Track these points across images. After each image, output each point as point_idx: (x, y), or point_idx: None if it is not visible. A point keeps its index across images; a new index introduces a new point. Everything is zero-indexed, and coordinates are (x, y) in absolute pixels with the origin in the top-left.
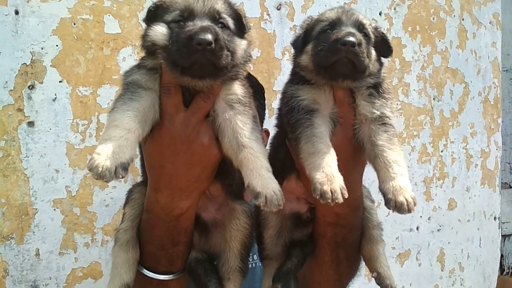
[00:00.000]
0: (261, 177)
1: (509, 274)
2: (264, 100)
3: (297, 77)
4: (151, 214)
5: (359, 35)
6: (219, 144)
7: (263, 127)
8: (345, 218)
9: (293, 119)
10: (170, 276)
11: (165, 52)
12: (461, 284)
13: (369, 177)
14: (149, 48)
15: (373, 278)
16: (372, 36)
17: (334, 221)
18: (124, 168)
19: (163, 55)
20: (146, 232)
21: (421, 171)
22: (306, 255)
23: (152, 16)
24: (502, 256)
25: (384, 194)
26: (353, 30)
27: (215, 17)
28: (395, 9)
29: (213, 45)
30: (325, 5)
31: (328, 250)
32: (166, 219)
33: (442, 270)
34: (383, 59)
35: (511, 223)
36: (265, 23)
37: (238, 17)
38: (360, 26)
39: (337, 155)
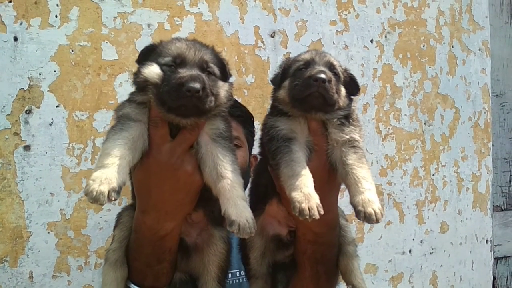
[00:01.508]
0: (236, 206)
1: None
2: (253, 127)
3: (276, 110)
4: (139, 234)
5: (330, 73)
6: (201, 172)
7: (252, 153)
8: (323, 236)
9: (273, 147)
10: None
11: (155, 90)
12: None
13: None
14: (141, 84)
15: None
16: (341, 75)
17: (313, 239)
18: (116, 191)
19: (153, 91)
20: (134, 250)
21: (413, 194)
22: (289, 278)
23: (145, 58)
24: (494, 278)
25: (354, 207)
26: (324, 69)
27: (203, 66)
28: (386, 36)
29: (200, 92)
30: (318, 33)
31: (308, 266)
32: (152, 239)
33: None
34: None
35: (503, 246)
36: (260, 50)
37: (222, 66)
38: (331, 66)
39: (313, 179)
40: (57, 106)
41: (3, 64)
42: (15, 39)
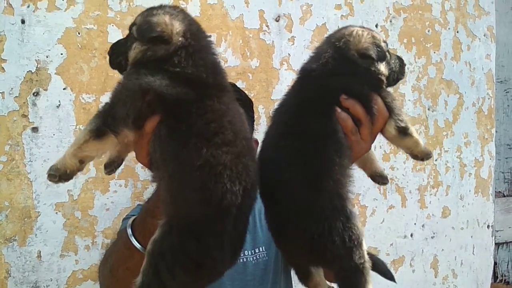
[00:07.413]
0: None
1: (503, 281)
2: (253, 112)
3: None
4: None
5: None
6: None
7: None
8: None
9: None
10: None
11: None
12: None
13: (364, 184)
14: None
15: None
16: None
17: None
18: None
19: None
20: None
21: (415, 179)
22: None
23: None
24: (495, 263)
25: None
26: None
27: None
28: (391, 21)
29: None
30: (323, 17)
31: None
32: None
33: (435, 277)
34: None
35: (505, 232)
36: (264, 34)
37: None
38: None
39: None
40: (64, 89)
41: (11, 46)
42: (23, 21)
